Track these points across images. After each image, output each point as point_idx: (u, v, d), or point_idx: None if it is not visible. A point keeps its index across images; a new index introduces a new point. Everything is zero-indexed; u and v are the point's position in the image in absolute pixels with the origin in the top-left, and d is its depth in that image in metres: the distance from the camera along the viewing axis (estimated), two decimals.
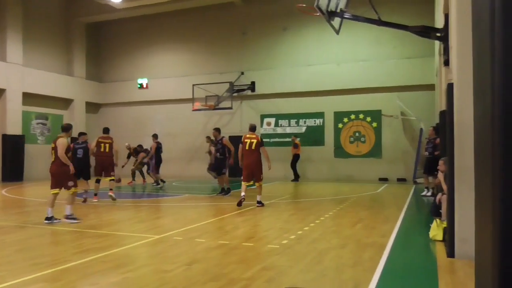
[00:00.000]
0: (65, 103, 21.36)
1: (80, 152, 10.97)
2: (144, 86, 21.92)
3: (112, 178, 10.77)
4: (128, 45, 22.55)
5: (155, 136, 14.86)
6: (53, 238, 6.42)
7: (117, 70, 22.93)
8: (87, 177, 11.04)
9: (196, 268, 4.65)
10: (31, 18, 19.71)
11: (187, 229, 7.07)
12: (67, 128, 7.95)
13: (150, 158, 14.71)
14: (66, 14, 21.48)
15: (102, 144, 10.79)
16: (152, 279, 4.30)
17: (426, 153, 11.88)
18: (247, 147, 9.74)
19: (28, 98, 19.09)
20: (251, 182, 9.88)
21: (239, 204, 9.39)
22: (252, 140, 9.76)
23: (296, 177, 17.55)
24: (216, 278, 4.27)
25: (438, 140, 11.80)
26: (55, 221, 7.56)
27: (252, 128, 10.15)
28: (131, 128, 21.65)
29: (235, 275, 4.39)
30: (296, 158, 17.67)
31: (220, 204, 10.36)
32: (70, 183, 7.72)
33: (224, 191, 11.82)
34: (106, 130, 11.26)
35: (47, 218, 7.56)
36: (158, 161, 14.49)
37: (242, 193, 9.52)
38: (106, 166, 10.73)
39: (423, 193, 11.79)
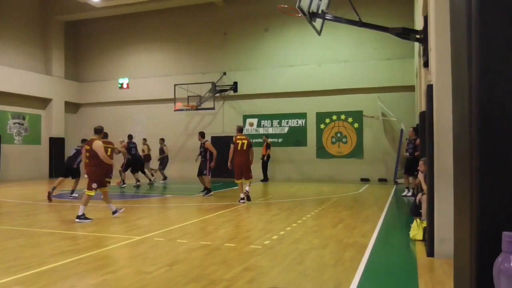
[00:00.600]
0: (43, 102, 20.92)
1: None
2: (125, 86, 21.65)
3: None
4: (109, 44, 22.22)
5: (129, 137, 15.15)
6: (29, 240, 6.27)
7: (97, 70, 22.57)
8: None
9: (178, 269, 4.60)
10: (7, 16, 19.23)
11: (168, 230, 7.00)
12: (99, 130, 8.33)
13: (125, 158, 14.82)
14: (43, 11, 21.03)
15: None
16: (133, 280, 4.23)
17: (407, 153, 12.05)
18: (239, 148, 10.39)
19: (4, 97, 18.62)
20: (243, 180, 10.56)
21: (246, 199, 10.33)
22: (243, 141, 10.46)
23: (266, 178, 17.73)
24: (197, 279, 4.23)
25: (418, 141, 11.98)
26: (86, 220, 7.70)
27: (241, 130, 10.96)
28: (112, 129, 21.28)
29: (216, 276, 4.36)
30: (268, 158, 17.83)
31: (202, 205, 10.30)
32: (94, 185, 7.96)
33: (206, 191, 11.95)
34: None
35: (78, 217, 7.73)
36: (129, 161, 14.69)
37: (245, 190, 10.46)
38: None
39: (404, 193, 11.96)
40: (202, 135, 12.38)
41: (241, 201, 10.36)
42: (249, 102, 19.57)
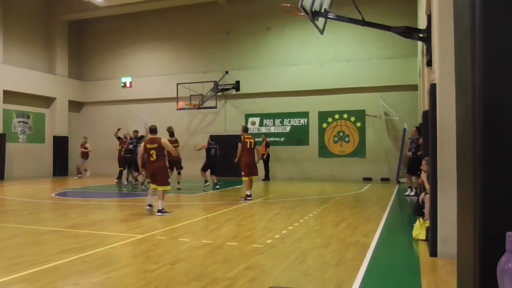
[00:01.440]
0: (47, 101, 20.98)
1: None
2: (128, 85, 21.69)
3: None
4: (112, 44, 22.26)
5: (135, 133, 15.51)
6: (33, 238, 6.29)
7: (100, 69, 22.62)
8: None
9: (180, 268, 4.61)
10: (12, 15, 19.29)
11: (170, 228, 7.01)
12: (155, 130, 8.94)
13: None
14: (47, 11, 21.08)
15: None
16: (135, 278, 4.24)
17: (409, 153, 12.02)
18: (248, 146, 10.72)
19: (9, 96, 18.68)
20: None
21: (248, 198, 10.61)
22: (251, 140, 10.85)
23: (267, 177, 17.71)
24: (199, 278, 4.24)
25: (421, 140, 11.95)
26: (166, 213, 8.34)
27: (247, 130, 11.37)
28: (114, 127, 21.37)
29: (218, 274, 4.36)
30: (268, 157, 17.75)
31: (204, 204, 10.31)
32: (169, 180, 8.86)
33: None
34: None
35: (159, 211, 8.33)
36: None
37: (250, 191, 10.76)
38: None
39: (407, 193, 11.93)
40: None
41: (248, 198, 10.62)
42: (251, 101, 19.56)
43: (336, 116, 18.38)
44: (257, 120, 19.53)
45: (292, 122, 19.00)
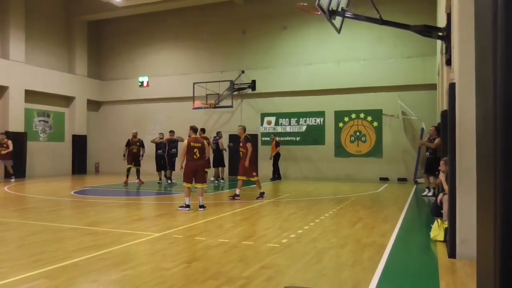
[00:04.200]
0: (67, 100, 21.37)
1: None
2: (145, 84, 21.94)
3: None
4: (129, 43, 22.54)
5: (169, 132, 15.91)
6: (54, 235, 6.42)
7: (118, 68, 22.93)
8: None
9: (196, 266, 4.65)
10: (34, 16, 19.72)
11: (187, 227, 7.07)
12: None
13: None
14: (67, 12, 21.47)
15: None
16: (152, 276, 4.30)
17: (427, 153, 11.86)
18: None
19: (30, 95, 19.10)
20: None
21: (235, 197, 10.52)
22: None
23: (279, 176, 17.64)
24: (215, 277, 4.26)
25: (437, 140, 11.80)
26: (204, 208, 9.01)
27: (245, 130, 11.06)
28: (132, 126, 21.64)
29: (234, 273, 4.38)
30: (278, 157, 17.58)
31: (220, 202, 10.36)
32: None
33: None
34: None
35: (201, 206, 9.00)
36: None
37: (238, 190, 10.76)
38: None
39: (424, 193, 11.77)
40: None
41: (262, 196, 10.77)
42: (267, 100, 19.56)
43: (353, 116, 18.24)
44: (273, 119, 19.52)
45: (308, 121, 18.93)
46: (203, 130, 13.85)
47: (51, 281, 4.10)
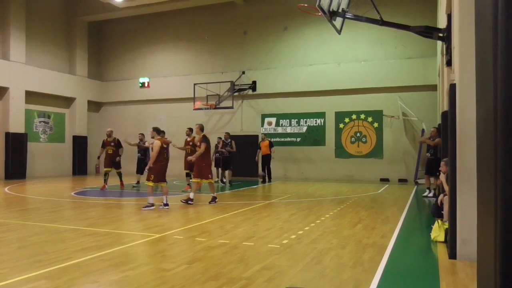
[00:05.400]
0: (67, 101, 21.39)
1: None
2: (146, 85, 21.96)
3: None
4: (130, 44, 22.56)
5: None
6: (54, 236, 6.42)
7: (118, 69, 22.95)
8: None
9: (196, 267, 4.65)
10: (34, 17, 19.75)
11: (187, 228, 7.07)
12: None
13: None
14: (68, 13, 21.50)
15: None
16: (152, 277, 4.30)
17: (428, 153, 11.85)
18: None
19: (31, 96, 19.13)
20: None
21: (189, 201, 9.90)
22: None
23: (270, 179, 16.71)
24: (216, 277, 4.26)
25: (437, 140, 11.80)
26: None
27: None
28: (132, 127, 21.68)
29: (235, 274, 4.38)
30: (270, 158, 16.71)
31: (220, 204, 10.35)
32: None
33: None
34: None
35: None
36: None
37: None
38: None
39: (425, 194, 11.77)
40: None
41: (215, 201, 10.12)
42: (267, 101, 19.57)
43: (353, 117, 18.24)
44: (273, 120, 19.53)
45: (309, 122, 18.93)
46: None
47: (51, 282, 4.10)
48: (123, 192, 13.07)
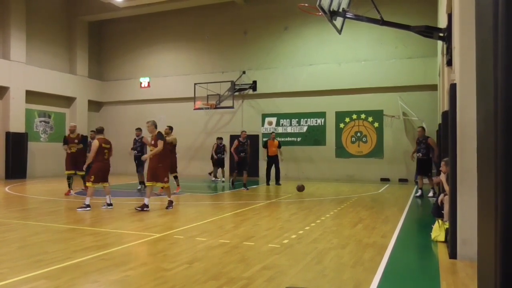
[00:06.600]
0: (68, 101, 21.40)
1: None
2: (146, 85, 21.97)
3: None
4: (130, 44, 22.57)
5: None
6: (55, 235, 6.42)
7: (119, 69, 22.95)
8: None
9: (197, 267, 4.65)
10: (34, 17, 19.75)
11: (187, 227, 7.07)
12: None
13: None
14: (68, 12, 21.50)
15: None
16: (153, 277, 4.30)
17: (419, 154, 11.78)
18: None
19: (31, 96, 19.13)
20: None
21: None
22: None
23: (278, 180, 15.66)
24: (216, 277, 4.26)
25: (430, 140, 11.79)
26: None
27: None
28: (133, 127, 21.64)
29: (235, 274, 4.38)
30: (277, 158, 15.58)
31: (221, 203, 10.36)
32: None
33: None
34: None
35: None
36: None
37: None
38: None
39: (417, 194, 11.69)
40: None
41: (171, 205, 9.27)
42: (268, 101, 19.57)
43: (354, 116, 18.23)
44: (273, 120, 19.52)
45: (309, 122, 18.93)
46: (171, 128, 12.53)
47: (51, 282, 4.10)
48: (123, 192, 13.07)
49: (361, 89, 17.89)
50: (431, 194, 11.62)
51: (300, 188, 12.54)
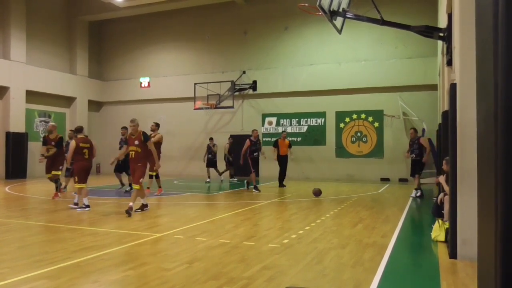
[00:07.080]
0: (68, 101, 21.40)
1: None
2: (146, 84, 21.97)
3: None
4: (130, 44, 22.57)
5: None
6: (55, 235, 6.42)
7: (119, 69, 22.96)
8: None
9: (197, 267, 4.65)
10: (35, 17, 19.75)
11: (188, 227, 7.07)
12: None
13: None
14: (69, 12, 21.51)
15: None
16: (153, 277, 4.30)
17: (413, 155, 11.74)
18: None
19: (31, 96, 19.13)
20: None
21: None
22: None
23: (282, 181, 14.92)
24: (216, 277, 4.26)
25: (421, 140, 11.77)
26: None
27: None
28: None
29: (235, 274, 4.38)
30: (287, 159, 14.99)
31: (221, 203, 10.36)
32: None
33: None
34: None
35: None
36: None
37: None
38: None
39: (412, 194, 11.64)
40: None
41: (144, 208, 8.84)
42: (268, 101, 19.57)
43: (354, 116, 18.24)
44: (274, 120, 19.53)
45: (309, 122, 18.94)
46: (157, 125, 12.51)
47: (52, 282, 4.10)
48: (123, 192, 13.05)
49: (361, 89, 17.90)
50: (413, 194, 11.55)
51: (317, 193, 11.39)
